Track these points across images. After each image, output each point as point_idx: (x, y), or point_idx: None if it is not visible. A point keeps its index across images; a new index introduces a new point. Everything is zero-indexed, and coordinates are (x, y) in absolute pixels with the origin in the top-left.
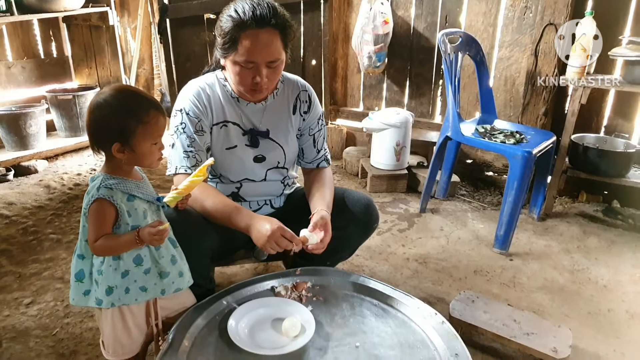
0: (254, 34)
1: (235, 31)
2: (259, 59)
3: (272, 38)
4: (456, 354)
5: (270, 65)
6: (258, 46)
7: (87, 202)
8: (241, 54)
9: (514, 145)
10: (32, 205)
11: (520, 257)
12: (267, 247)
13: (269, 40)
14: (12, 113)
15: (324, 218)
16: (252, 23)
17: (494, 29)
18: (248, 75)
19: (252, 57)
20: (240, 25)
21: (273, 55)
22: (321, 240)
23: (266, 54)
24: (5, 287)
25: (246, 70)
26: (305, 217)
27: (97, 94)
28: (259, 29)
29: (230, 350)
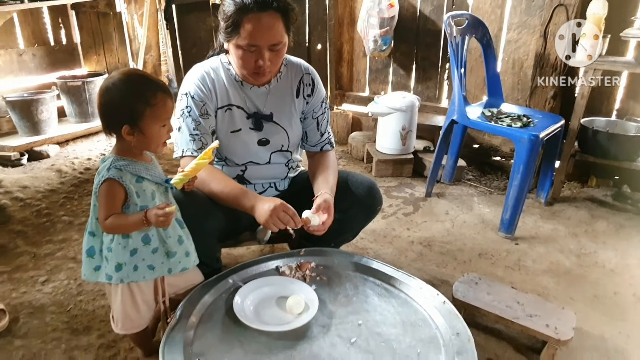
0: (255, 17)
1: (237, 15)
2: (261, 42)
3: (274, 21)
4: (457, 333)
5: (273, 49)
6: (260, 29)
7: (98, 182)
8: (243, 37)
9: (520, 129)
10: (45, 189)
11: (526, 240)
12: (269, 222)
13: (270, 23)
14: (24, 99)
15: (327, 201)
16: (253, 6)
17: (501, 11)
18: (251, 58)
19: (254, 41)
20: (243, 9)
21: (275, 38)
22: (323, 222)
23: (268, 37)
24: (21, 266)
25: (249, 54)
26: (309, 199)
27: (106, 78)
28: (261, 12)
29: (236, 327)
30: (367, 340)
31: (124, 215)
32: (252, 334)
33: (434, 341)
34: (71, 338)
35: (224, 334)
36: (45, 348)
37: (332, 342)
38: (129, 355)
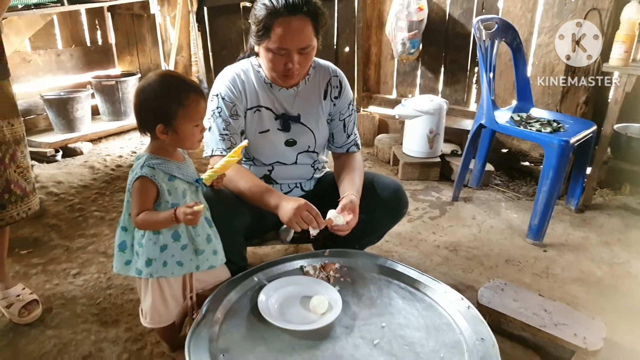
0: (286, 22)
1: (268, 19)
2: (290, 46)
3: (304, 25)
4: (482, 339)
5: (302, 52)
6: (290, 33)
7: (131, 178)
8: (274, 41)
9: (550, 134)
10: (78, 185)
11: (555, 248)
12: (292, 222)
13: (300, 27)
14: (60, 98)
15: (352, 202)
16: (284, 11)
17: (532, 15)
18: (280, 61)
19: (284, 44)
20: (273, 13)
21: (304, 42)
22: (347, 222)
23: (298, 40)
24: (55, 259)
25: (278, 57)
26: (335, 200)
27: (143, 79)
28: (291, 16)
29: (260, 324)
30: (390, 343)
31: (155, 213)
32: (276, 332)
33: (457, 346)
34: (100, 330)
35: (248, 331)
36: (75, 338)
37: (355, 343)
38: (155, 349)
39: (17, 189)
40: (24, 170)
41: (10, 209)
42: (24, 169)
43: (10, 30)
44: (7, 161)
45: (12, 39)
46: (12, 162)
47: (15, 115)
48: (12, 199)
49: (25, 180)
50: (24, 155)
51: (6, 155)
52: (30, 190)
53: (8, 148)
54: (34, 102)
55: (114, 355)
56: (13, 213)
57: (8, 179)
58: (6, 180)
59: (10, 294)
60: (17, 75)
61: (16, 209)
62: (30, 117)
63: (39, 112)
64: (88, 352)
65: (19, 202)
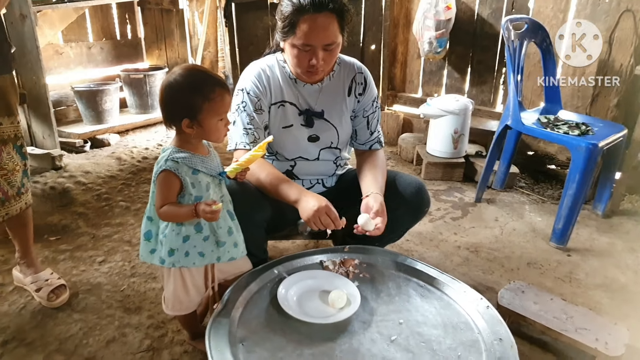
0: (311, 18)
1: (294, 15)
2: (315, 42)
3: (329, 22)
4: (500, 339)
5: (327, 48)
6: (315, 30)
7: (156, 171)
8: (299, 37)
9: (578, 137)
10: (105, 175)
11: (579, 253)
12: (311, 221)
13: (325, 24)
14: (90, 90)
15: (382, 204)
16: (310, 7)
17: (564, 15)
18: (305, 57)
19: (309, 41)
20: (299, 10)
21: (329, 39)
22: (377, 227)
23: (323, 37)
24: (82, 246)
25: (303, 53)
26: (356, 197)
27: (168, 74)
28: (317, 13)
29: (279, 316)
30: (407, 339)
31: (177, 206)
32: (294, 324)
33: (475, 345)
34: (124, 316)
35: (267, 322)
36: (100, 323)
37: (372, 338)
38: (176, 336)
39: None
40: (8, 173)
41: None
42: (7, 171)
43: (45, 23)
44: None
45: (46, 32)
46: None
47: (6, 114)
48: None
49: (9, 184)
50: (10, 156)
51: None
52: (12, 195)
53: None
54: (65, 94)
55: (136, 340)
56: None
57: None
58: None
59: (40, 278)
60: (49, 67)
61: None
62: (60, 108)
63: (69, 103)
64: (112, 337)
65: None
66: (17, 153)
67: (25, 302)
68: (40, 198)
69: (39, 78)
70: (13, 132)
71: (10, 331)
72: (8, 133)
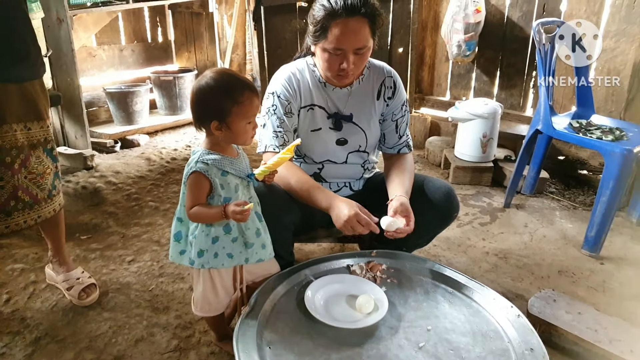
0: (343, 23)
1: (326, 20)
2: (346, 47)
3: (361, 26)
4: (531, 349)
5: (358, 52)
6: (347, 34)
7: (187, 172)
8: (330, 41)
9: (611, 142)
10: (135, 175)
11: (613, 261)
12: (343, 228)
13: (357, 29)
14: (121, 91)
15: (403, 204)
16: (342, 12)
17: (597, 18)
18: (336, 61)
19: (340, 45)
20: (332, 14)
21: (360, 43)
22: (398, 229)
23: (354, 41)
24: (112, 245)
25: (334, 57)
26: (383, 201)
27: (200, 77)
28: (349, 17)
29: (306, 319)
30: (435, 346)
31: (207, 207)
32: (321, 328)
33: (505, 354)
34: (152, 315)
35: (294, 325)
36: (129, 322)
37: (399, 345)
38: (204, 337)
39: (26, 195)
40: (37, 176)
41: (16, 216)
42: (36, 175)
43: (80, 27)
44: (16, 167)
45: (81, 35)
46: (22, 167)
47: (35, 119)
48: (18, 206)
49: (38, 187)
50: (39, 160)
51: (16, 160)
52: (42, 198)
53: (20, 153)
54: (97, 95)
55: (164, 340)
56: (19, 220)
57: (16, 185)
58: (13, 186)
59: (72, 276)
60: (82, 69)
61: (23, 217)
62: (92, 109)
63: (100, 104)
64: (140, 336)
65: (26, 209)
66: (47, 156)
67: (57, 299)
68: (72, 197)
69: (73, 80)
70: (43, 136)
71: (43, 328)
72: (38, 137)
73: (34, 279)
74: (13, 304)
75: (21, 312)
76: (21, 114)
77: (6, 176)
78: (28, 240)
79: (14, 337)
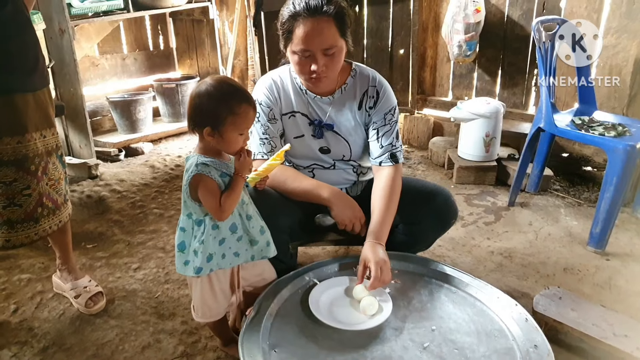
0: (306, 23)
1: (290, 22)
2: (312, 47)
3: (325, 26)
4: (535, 346)
5: (326, 53)
6: (311, 34)
7: (187, 178)
8: (296, 43)
9: (614, 138)
10: (139, 183)
11: (619, 257)
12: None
13: (321, 28)
14: (124, 100)
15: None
16: (303, 12)
17: (598, 15)
18: (306, 64)
19: (306, 45)
20: (294, 16)
21: (327, 43)
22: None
23: (319, 41)
24: (117, 253)
25: (304, 59)
26: None
27: (200, 82)
28: (311, 17)
29: (311, 322)
30: (440, 346)
31: (229, 190)
32: (326, 331)
33: (510, 353)
34: (158, 322)
35: (299, 328)
36: (135, 329)
37: (404, 346)
38: (209, 342)
39: (49, 201)
40: (55, 182)
41: (43, 222)
42: (54, 181)
43: (82, 37)
44: (39, 174)
45: (83, 45)
46: (44, 175)
47: (47, 126)
48: (44, 212)
49: (57, 193)
50: (55, 167)
51: (39, 168)
52: (61, 202)
53: (41, 161)
54: (100, 104)
55: (170, 346)
56: (46, 226)
57: (41, 192)
58: (39, 193)
59: (79, 285)
60: (86, 78)
61: (48, 222)
62: (96, 118)
63: (104, 113)
64: (147, 343)
65: (50, 215)
66: (59, 162)
67: (64, 308)
68: (78, 206)
69: (76, 90)
70: (54, 142)
71: (50, 337)
72: (51, 144)
73: (40, 288)
74: (20, 314)
75: (29, 322)
76: (37, 122)
77: (32, 184)
78: (34, 250)
79: (22, 346)
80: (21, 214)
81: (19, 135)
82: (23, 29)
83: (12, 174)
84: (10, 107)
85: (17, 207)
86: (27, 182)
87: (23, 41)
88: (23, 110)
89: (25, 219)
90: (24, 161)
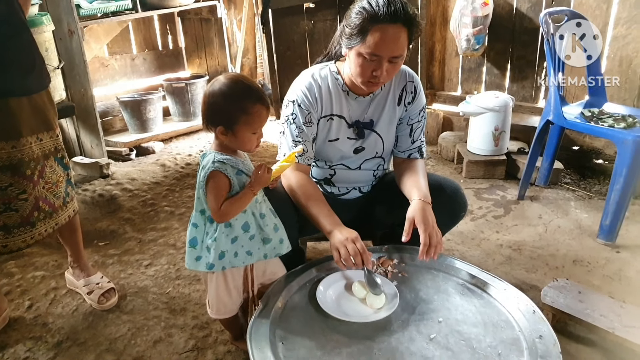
0: (384, 29)
1: (366, 23)
2: (384, 53)
3: (400, 34)
4: (540, 336)
5: (392, 60)
6: (386, 41)
7: (204, 175)
8: (368, 46)
9: (623, 130)
10: (150, 181)
11: (630, 249)
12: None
13: (396, 36)
14: (134, 100)
15: (424, 214)
16: (384, 17)
17: (608, 5)
18: (369, 67)
19: (378, 51)
20: (373, 18)
21: (397, 51)
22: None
23: (392, 48)
24: (129, 250)
25: (368, 63)
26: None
27: (214, 80)
28: (390, 23)
29: (318, 315)
30: (446, 338)
31: (234, 197)
32: (333, 324)
33: (516, 343)
34: (169, 317)
35: (306, 321)
36: (147, 324)
37: (411, 337)
38: (220, 336)
39: (46, 205)
40: (52, 185)
41: (39, 226)
42: (52, 184)
43: (91, 38)
44: (35, 178)
45: (93, 46)
46: (40, 178)
47: (44, 130)
48: (40, 216)
49: (54, 196)
50: (53, 169)
51: (35, 172)
52: (59, 205)
53: (37, 165)
54: (111, 104)
55: (181, 340)
56: (41, 230)
57: (37, 196)
58: (35, 198)
59: (91, 281)
60: (96, 79)
61: (44, 226)
62: (107, 119)
63: (115, 113)
64: (159, 337)
65: (47, 218)
66: (58, 165)
67: (77, 304)
68: (90, 205)
69: (86, 90)
70: (53, 145)
71: (64, 332)
72: (49, 147)
73: (54, 285)
74: (35, 310)
75: (43, 318)
76: (33, 126)
77: (28, 188)
78: (48, 248)
79: (37, 341)
80: (17, 219)
81: (14, 140)
82: (17, 30)
83: (7, 179)
84: (4, 111)
85: (13, 212)
86: (22, 186)
87: (17, 43)
88: (17, 115)
89: (21, 224)
90: (19, 166)
